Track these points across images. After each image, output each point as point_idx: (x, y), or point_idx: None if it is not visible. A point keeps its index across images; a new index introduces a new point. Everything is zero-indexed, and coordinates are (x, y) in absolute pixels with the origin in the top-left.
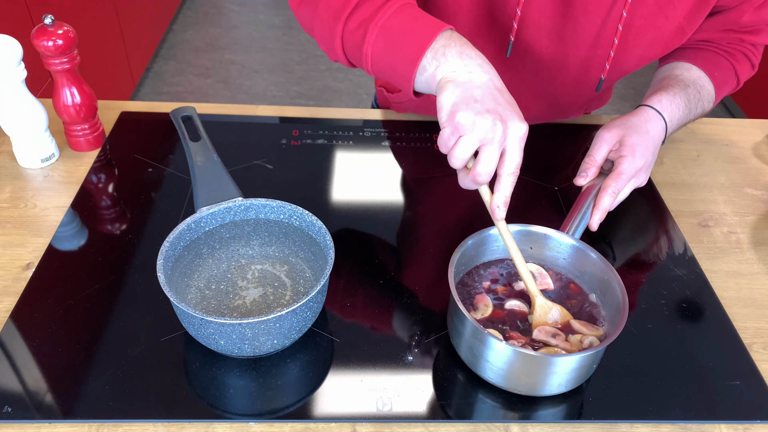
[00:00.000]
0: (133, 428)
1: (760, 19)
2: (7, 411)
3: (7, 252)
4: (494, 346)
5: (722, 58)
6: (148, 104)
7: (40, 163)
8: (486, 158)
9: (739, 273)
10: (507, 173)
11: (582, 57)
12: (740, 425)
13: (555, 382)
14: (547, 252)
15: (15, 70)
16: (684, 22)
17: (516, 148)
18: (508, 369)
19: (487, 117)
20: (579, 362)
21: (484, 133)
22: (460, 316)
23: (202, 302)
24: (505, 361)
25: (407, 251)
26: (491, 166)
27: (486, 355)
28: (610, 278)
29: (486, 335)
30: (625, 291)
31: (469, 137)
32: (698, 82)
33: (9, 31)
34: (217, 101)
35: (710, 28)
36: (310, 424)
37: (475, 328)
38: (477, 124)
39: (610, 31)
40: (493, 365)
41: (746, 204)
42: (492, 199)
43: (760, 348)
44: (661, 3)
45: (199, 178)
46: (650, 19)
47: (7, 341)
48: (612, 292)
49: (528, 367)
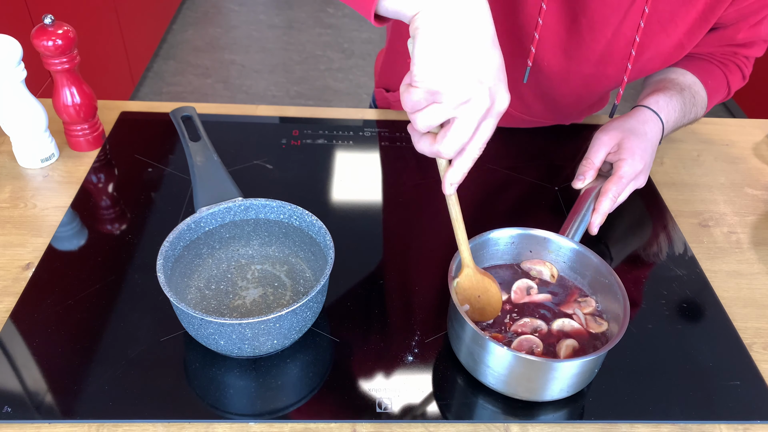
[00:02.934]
0: (133, 428)
1: (754, 35)
2: (7, 411)
3: (7, 252)
4: (494, 351)
5: (716, 67)
6: (148, 104)
7: (40, 163)
8: (458, 134)
9: (739, 273)
10: (472, 147)
11: (587, 74)
12: (740, 425)
13: (556, 387)
14: (547, 255)
15: (15, 70)
16: (684, 38)
17: (491, 124)
18: (509, 374)
19: (475, 88)
20: (580, 367)
21: (466, 109)
22: (460, 320)
23: (202, 302)
24: (505, 366)
25: (407, 251)
26: (461, 143)
27: (486, 360)
28: (611, 282)
29: (486, 340)
30: (626, 295)
31: (445, 107)
32: (693, 87)
33: (9, 31)
34: (217, 101)
35: (707, 43)
36: (310, 424)
37: (475, 333)
38: (460, 94)
39: (618, 50)
40: (493, 370)
41: (746, 204)
42: (447, 172)
43: (760, 348)
44: (663, 21)
45: (199, 178)
46: (652, 37)
47: (7, 341)
48: (613, 296)
49: (529, 372)
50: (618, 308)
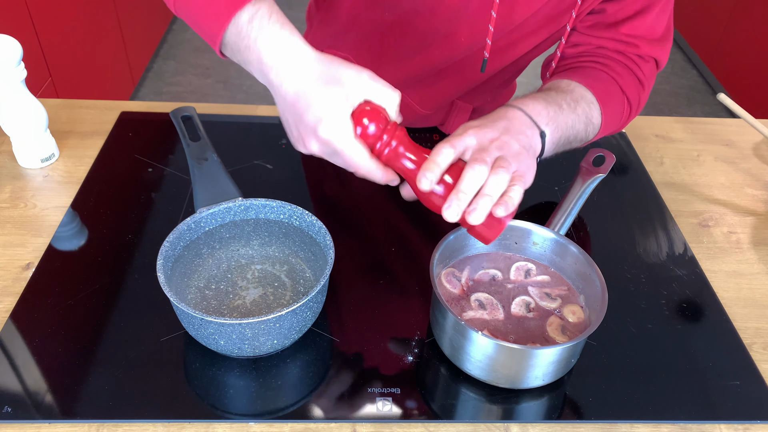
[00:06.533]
0: (133, 428)
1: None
2: (7, 411)
3: (7, 252)
4: (475, 339)
5: (601, 72)
6: (148, 104)
7: (40, 163)
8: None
9: (739, 273)
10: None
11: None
12: (740, 425)
13: (533, 374)
14: (532, 247)
15: (15, 70)
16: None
17: None
18: (488, 362)
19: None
20: (558, 355)
21: None
22: (441, 309)
23: (202, 302)
24: (484, 354)
25: (407, 251)
26: None
27: (467, 348)
28: (591, 272)
29: (466, 328)
30: (605, 284)
31: None
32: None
33: (9, 31)
34: (217, 101)
35: (590, 34)
36: (310, 424)
37: (456, 321)
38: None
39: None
40: (473, 358)
41: (746, 204)
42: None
43: (760, 348)
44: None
45: (199, 178)
46: None
47: (7, 341)
48: (592, 285)
49: (507, 359)
50: (598, 297)
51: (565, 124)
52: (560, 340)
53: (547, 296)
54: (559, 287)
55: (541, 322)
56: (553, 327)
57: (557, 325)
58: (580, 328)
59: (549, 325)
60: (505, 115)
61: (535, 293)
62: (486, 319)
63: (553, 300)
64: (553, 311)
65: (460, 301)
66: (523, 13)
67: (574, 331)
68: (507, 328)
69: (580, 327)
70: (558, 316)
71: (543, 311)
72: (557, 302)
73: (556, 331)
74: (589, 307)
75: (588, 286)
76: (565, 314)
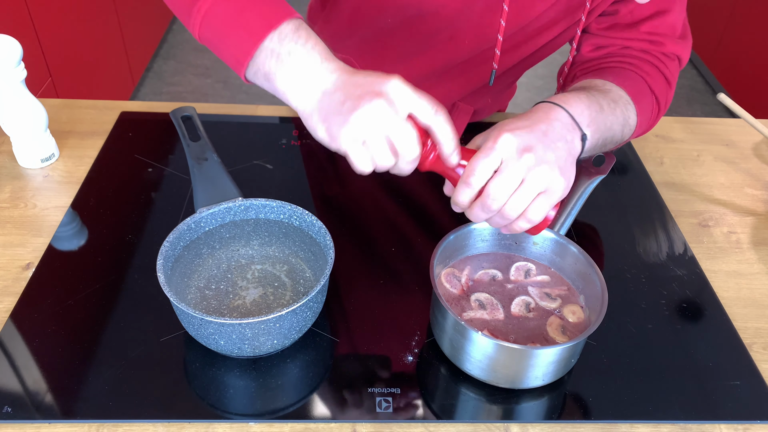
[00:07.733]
0: (133, 428)
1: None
2: (7, 411)
3: (7, 252)
4: (475, 339)
5: (629, 71)
6: (148, 104)
7: (40, 163)
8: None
9: (739, 273)
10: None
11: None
12: (740, 425)
13: (533, 374)
14: (532, 247)
15: (15, 70)
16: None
17: None
18: (488, 362)
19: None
20: (558, 355)
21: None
22: (441, 309)
23: (202, 302)
24: (484, 354)
25: (408, 251)
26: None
27: (467, 348)
28: (591, 272)
29: (466, 328)
30: (604, 284)
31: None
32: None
33: (9, 31)
34: (217, 101)
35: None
36: (310, 424)
37: (456, 321)
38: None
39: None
40: (473, 358)
41: (746, 204)
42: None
43: (760, 348)
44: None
45: (199, 178)
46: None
47: (7, 341)
48: (592, 285)
49: (507, 359)
50: (598, 297)
51: (605, 125)
52: (560, 340)
53: (547, 296)
54: (559, 287)
55: (541, 322)
56: (553, 327)
57: (557, 325)
58: (580, 328)
59: (549, 325)
60: (547, 116)
61: (535, 293)
62: (486, 319)
63: (553, 300)
64: (553, 311)
65: (460, 301)
66: (535, 11)
67: (574, 331)
68: (507, 328)
69: (580, 327)
70: (558, 316)
71: (543, 311)
72: (557, 302)
73: (556, 331)
74: (589, 307)
75: (588, 286)
76: (565, 314)
